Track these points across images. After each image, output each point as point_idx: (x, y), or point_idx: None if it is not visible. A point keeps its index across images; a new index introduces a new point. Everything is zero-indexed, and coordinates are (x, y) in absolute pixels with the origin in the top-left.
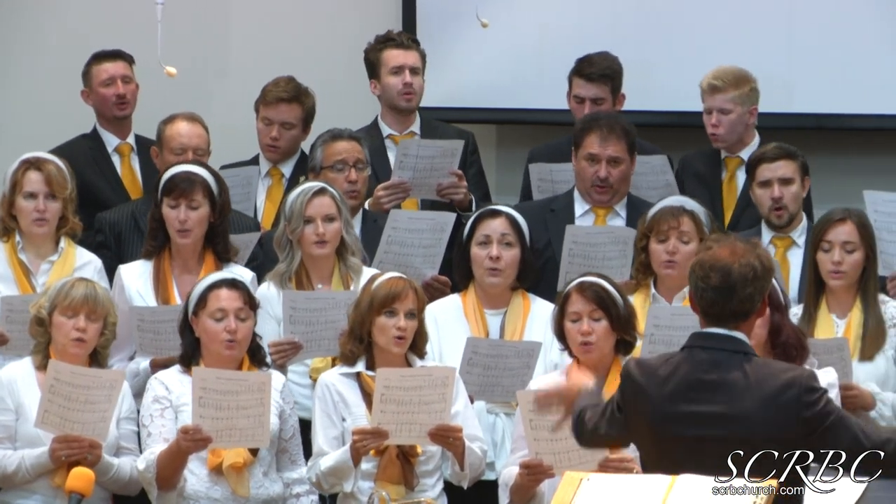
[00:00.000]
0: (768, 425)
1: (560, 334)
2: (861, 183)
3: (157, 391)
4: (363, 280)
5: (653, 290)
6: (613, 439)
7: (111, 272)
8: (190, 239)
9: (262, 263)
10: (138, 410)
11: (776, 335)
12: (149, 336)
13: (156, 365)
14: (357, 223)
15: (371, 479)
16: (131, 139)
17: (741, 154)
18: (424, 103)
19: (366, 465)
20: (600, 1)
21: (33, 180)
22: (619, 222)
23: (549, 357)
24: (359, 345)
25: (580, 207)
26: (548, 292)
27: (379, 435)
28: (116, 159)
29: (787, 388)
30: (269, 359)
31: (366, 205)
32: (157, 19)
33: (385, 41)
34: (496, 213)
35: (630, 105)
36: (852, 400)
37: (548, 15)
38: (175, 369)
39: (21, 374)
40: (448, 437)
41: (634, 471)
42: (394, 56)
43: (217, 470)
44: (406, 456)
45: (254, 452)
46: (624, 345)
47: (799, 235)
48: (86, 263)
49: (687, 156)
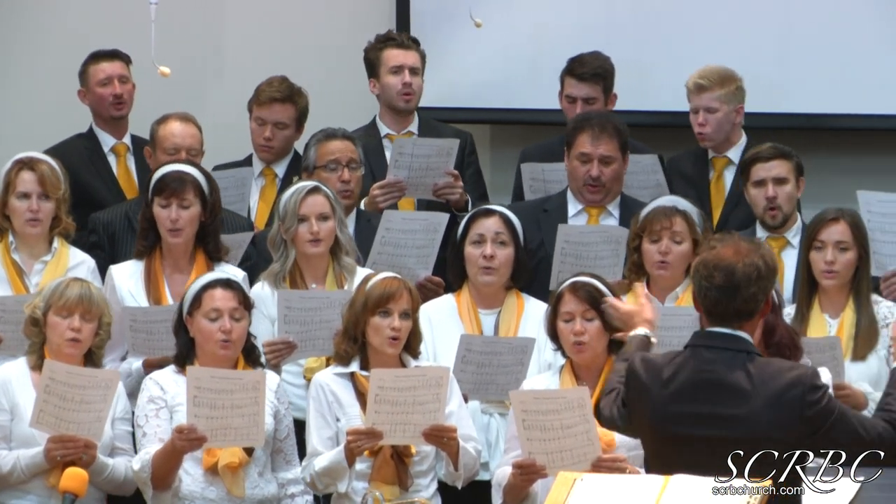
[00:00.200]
0: (772, 425)
1: (553, 334)
2: (854, 183)
3: (152, 391)
4: (357, 280)
5: (645, 291)
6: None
7: (105, 272)
8: (181, 238)
9: (256, 263)
10: (133, 411)
11: (770, 335)
12: (141, 336)
13: (149, 365)
14: (351, 223)
15: (365, 480)
16: (127, 139)
17: (728, 154)
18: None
19: (360, 466)
20: (593, 1)
21: (26, 180)
22: (612, 222)
23: (543, 357)
24: (353, 345)
25: (573, 207)
26: (541, 292)
27: (373, 435)
28: (112, 159)
29: (791, 388)
30: (264, 359)
31: (361, 204)
32: (151, 19)
33: (385, 40)
34: (490, 213)
35: (622, 105)
36: (844, 399)
37: (541, 15)
38: (170, 369)
39: (16, 375)
40: (442, 438)
41: (627, 471)
42: (394, 56)
43: (212, 470)
44: (400, 456)
45: (249, 452)
46: (617, 345)
47: (793, 236)
48: (79, 263)
49: (674, 157)
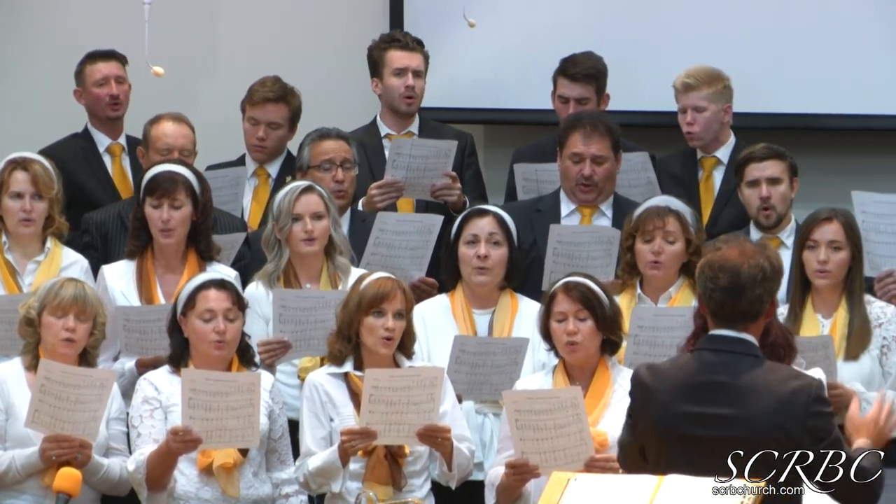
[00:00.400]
0: (774, 430)
1: (546, 334)
2: (847, 183)
3: (147, 392)
4: (351, 280)
5: (638, 291)
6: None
7: (98, 272)
8: (173, 238)
9: (250, 263)
10: (128, 411)
11: (765, 336)
12: (135, 336)
13: (142, 365)
14: (345, 223)
15: (359, 480)
16: (122, 139)
17: (717, 154)
18: None
19: (354, 466)
20: (586, 2)
21: (19, 180)
22: (605, 222)
23: (537, 357)
24: (346, 345)
25: (566, 207)
26: (533, 292)
27: (367, 435)
28: (108, 159)
29: (796, 395)
30: (258, 358)
31: (359, 204)
32: (145, 19)
33: (390, 41)
34: (484, 213)
35: (615, 105)
36: (837, 399)
37: (534, 15)
38: (164, 370)
39: (10, 375)
40: (436, 438)
41: (620, 471)
42: (398, 58)
43: (207, 470)
44: (394, 456)
45: (244, 453)
46: (610, 345)
47: (787, 236)
48: (72, 263)
49: (663, 158)
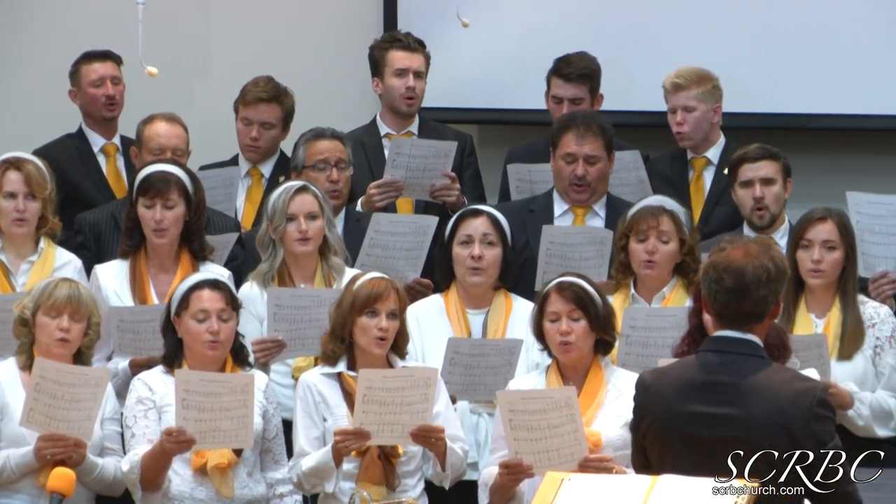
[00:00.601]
0: (777, 431)
1: (539, 334)
2: (840, 183)
3: (141, 392)
4: (345, 280)
5: (632, 291)
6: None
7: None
8: (166, 238)
9: (244, 263)
10: (122, 411)
11: None
12: (128, 336)
13: (135, 365)
14: (339, 223)
15: (352, 480)
16: (117, 139)
17: (707, 154)
18: None
19: (347, 466)
20: (580, 2)
21: (13, 180)
22: (598, 222)
23: (531, 357)
24: (340, 345)
25: (559, 207)
26: (526, 293)
27: (361, 435)
28: (102, 159)
29: (801, 397)
30: (252, 358)
31: (358, 204)
32: (138, 19)
33: (392, 41)
34: (478, 213)
35: (608, 105)
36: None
37: (528, 15)
38: (158, 370)
39: (5, 374)
40: (430, 438)
41: (614, 471)
42: (399, 58)
43: (201, 470)
44: (387, 456)
45: (238, 453)
46: (603, 345)
47: (781, 237)
48: (65, 264)
49: (653, 159)
